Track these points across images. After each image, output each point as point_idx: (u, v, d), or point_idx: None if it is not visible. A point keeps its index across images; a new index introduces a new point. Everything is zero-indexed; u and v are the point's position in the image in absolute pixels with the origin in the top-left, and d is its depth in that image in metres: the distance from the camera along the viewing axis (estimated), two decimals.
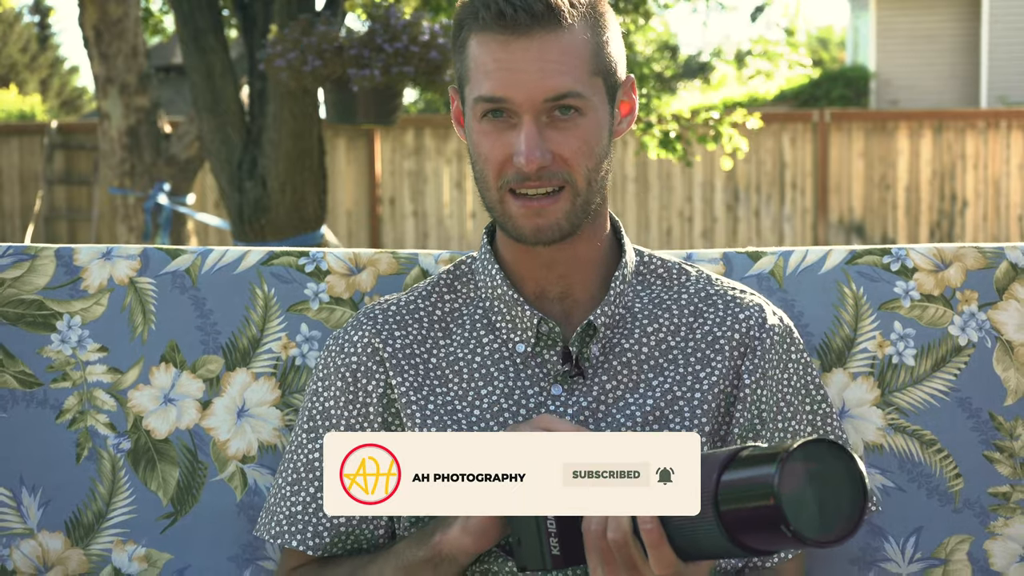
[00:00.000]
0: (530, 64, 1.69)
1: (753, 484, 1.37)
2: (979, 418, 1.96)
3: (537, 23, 1.69)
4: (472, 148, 1.76)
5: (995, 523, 1.95)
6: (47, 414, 1.97)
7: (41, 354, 1.98)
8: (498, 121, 1.71)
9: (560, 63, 1.70)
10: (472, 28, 1.73)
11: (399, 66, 5.92)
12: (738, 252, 2.01)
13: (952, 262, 2.00)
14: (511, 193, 1.73)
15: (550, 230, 1.73)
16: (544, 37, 1.69)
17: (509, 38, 1.69)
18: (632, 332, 1.80)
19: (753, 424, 1.77)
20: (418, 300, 1.86)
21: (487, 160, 1.73)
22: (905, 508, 1.95)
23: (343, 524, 1.79)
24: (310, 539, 1.79)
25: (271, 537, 1.82)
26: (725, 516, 1.39)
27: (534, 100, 1.69)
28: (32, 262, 2.00)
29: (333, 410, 1.81)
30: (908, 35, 20.08)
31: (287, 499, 1.82)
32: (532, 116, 1.70)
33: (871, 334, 1.97)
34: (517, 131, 1.71)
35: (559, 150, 1.71)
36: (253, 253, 2.01)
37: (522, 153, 1.69)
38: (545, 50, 1.69)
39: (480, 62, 1.71)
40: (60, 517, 1.96)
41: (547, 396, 1.76)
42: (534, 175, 1.70)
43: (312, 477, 1.80)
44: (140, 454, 1.96)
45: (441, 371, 1.79)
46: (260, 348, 1.98)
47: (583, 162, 1.72)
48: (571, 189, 1.72)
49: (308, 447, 1.82)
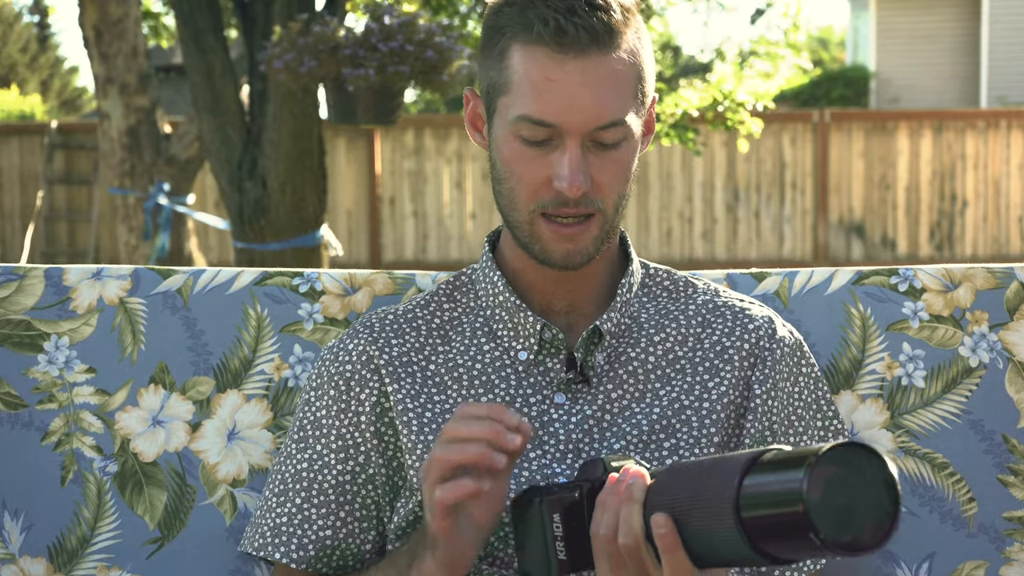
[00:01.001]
0: (585, 88, 1.62)
1: (779, 490, 1.28)
2: (992, 441, 1.92)
3: (595, 44, 1.62)
4: (501, 162, 1.69)
5: (1011, 548, 1.91)
6: (32, 436, 1.92)
7: (27, 375, 1.94)
8: (538, 143, 1.65)
9: (612, 87, 1.63)
10: (518, 38, 1.65)
11: (394, 65, 5.90)
12: (742, 273, 1.98)
13: (961, 282, 1.96)
14: (543, 216, 1.67)
15: (579, 255, 1.69)
16: (599, 59, 1.62)
17: (565, 57, 1.62)
18: (639, 341, 1.76)
19: (764, 436, 1.73)
20: (416, 309, 1.81)
21: (520, 180, 1.67)
22: (918, 533, 1.91)
23: (329, 537, 1.74)
24: (294, 551, 1.74)
25: (254, 550, 1.77)
26: (747, 523, 1.31)
27: (584, 127, 1.63)
28: (20, 282, 1.96)
29: (325, 419, 1.76)
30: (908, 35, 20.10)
31: (272, 510, 1.77)
32: (577, 141, 1.63)
33: (879, 355, 1.93)
34: (559, 154, 1.64)
35: (598, 177, 1.65)
36: (246, 273, 1.97)
37: (565, 178, 1.63)
38: (600, 73, 1.62)
39: (528, 78, 1.64)
40: (43, 542, 1.91)
41: (550, 404, 1.72)
42: (572, 201, 1.65)
43: (299, 488, 1.76)
44: (127, 477, 1.92)
45: (440, 378, 1.75)
46: (252, 369, 1.94)
47: (616, 189, 1.68)
48: (601, 216, 1.68)
49: (296, 457, 1.77)
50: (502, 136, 1.68)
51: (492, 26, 1.69)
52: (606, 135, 1.64)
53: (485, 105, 1.73)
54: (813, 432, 1.78)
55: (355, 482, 1.75)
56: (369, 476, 1.75)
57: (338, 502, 1.74)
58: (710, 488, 1.34)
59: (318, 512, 1.74)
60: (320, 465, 1.75)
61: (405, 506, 1.72)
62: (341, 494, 1.74)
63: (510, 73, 1.66)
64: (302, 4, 6.65)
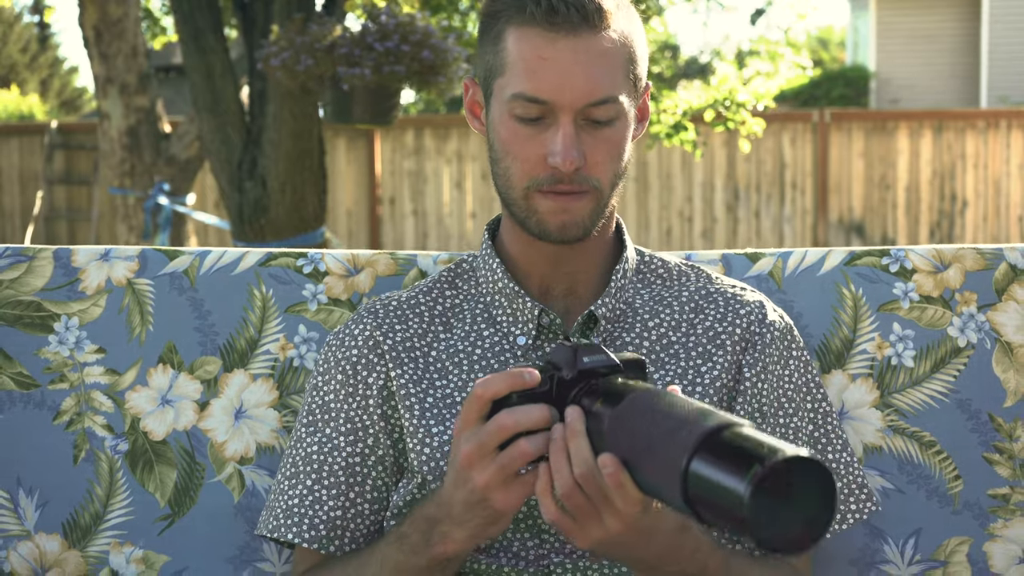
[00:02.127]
0: (576, 66, 1.67)
1: (723, 486, 1.30)
2: (979, 419, 1.96)
3: (585, 22, 1.67)
4: (497, 142, 1.74)
5: (994, 525, 1.95)
6: (44, 415, 1.96)
7: (38, 355, 1.97)
8: (532, 120, 1.69)
9: (603, 66, 1.68)
10: (512, 20, 1.70)
11: (390, 65, 5.91)
12: (737, 253, 2.01)
13: (951, 263, 1.99)
14: (539, 192, 1.72)
15: (575, 227, 1.73)
16: (590, 38, 1.68)
17: (556, 36, 1.67)
18: (633, 327, 1.80)
19: (754, 418, 1.77)
20: (419, 296, 1.85)
21: (516, 158, 1.72)
22: (904, 510, 1.95)
23: (339, 518, 1.78)
24: (306, 531, 1.78)
25: (268, 532, 1.81)
26: (692, 498, 1.33)
27: (576, 103, 1.68)
28: (30, 263, 2.00)
29: (333, 403, 1.80)
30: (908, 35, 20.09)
31: (284, 493, 1.81)
32: (570, 118, 1.68)
33: (870, 335, 1.97)
34: (553, 131, 1.69)
35: (591, 155, 1.70)
36: (251, 254, 2.01)
37: (559, 154, 1.68)
38: (591, 52, 1.68)
39: (522, 57, 1.69)
40: (57, 519, 1.95)
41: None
42: (567, 178, 1.69)
43: (309, 470, 1.79)
44: (137, 456, 1.96)
45: (441, 363, 1.79)
46: (258, 349, 1.98)
47: (610, 167, 1.72)
48: (596, 192, 1.72)
49: (307, 441, 1.81)
50: (498, 117, 1.73)
51: (488, 13, 1.75)
52: (598, 112, 1.69)
53: (483, 90, 1.77)
54: (803, 414, 1.82)
55: (365, 464, 1.78)
56: (379, 457, 1.78)
57: (348, 483, 1.78)
58: (663, 448, 1.35)
59: (328, 493, 1.78)
60: (330, 448, 1.79)
61: (406, 487, 1.76)
62: (351, 475, 1.78)
63: (505, 55, 1.71)
64: (301, 4, 6.67)
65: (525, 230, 1.76)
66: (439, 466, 1.72)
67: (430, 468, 1.73)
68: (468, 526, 1.57)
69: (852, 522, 1.83)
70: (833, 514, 1.31)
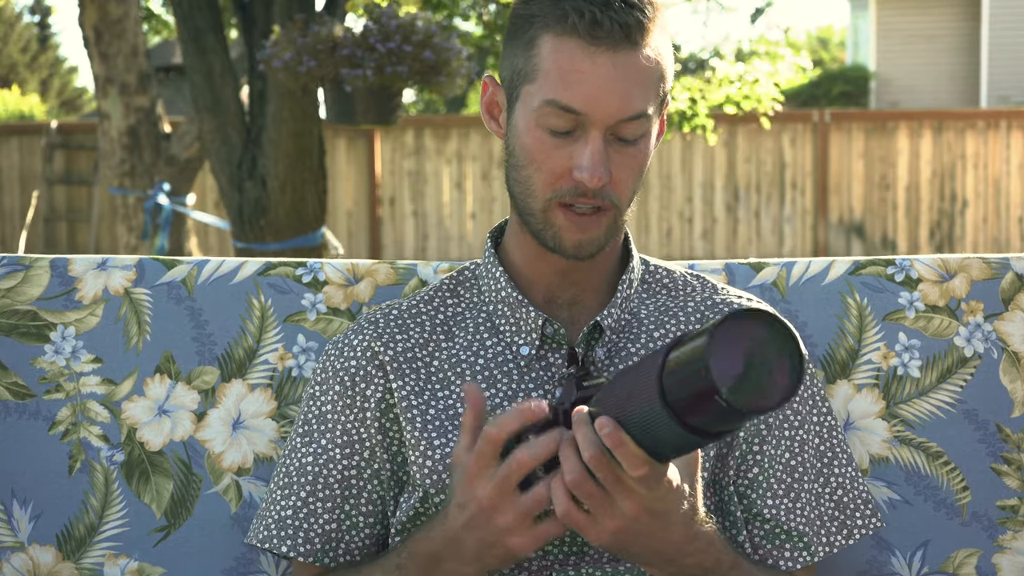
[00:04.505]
0: (614, 83, 1.64)
1: (689, 357, 1.34)
2: (986, 430, 1.94)
3: (627, 39, 1.64)
4: (520, 149, 1.70)
5: (1003, 536, 1.93)
6: (39, 426, 1.94)
7: (34, 365, 1.95)
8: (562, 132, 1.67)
9: (639, 83, 1.66)
10: (550, 28, 1.66)
11: (392, 66, 5.90)
12: (740, 263, 1.99)
13: (957, 273, 1.97)
14: (560, 206, 1.69)
15: (591, 245, 1.71)
16: (629, 53, 1.65)
17: (597, 50, 1.64)
18: (638, 337, 1.78)
19: (759, 430, 1.75)
20: (420, 304, 1.83)
21: (540, 168, 1.69)
22: (912, 521, 1.93)
23: (334, 531, 1.76)
24: (300, 544, 1.76)
25: (259, 543, 1.79)
26: (670, 399, 1.35)
27: (609, 119, 1.65)
28: (26, 272, 1.98)
29: (330, 415, 1.78)
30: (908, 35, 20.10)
31: (277, 503, 1.79)
32: (600, 133, 1.65)
33: (875, 345, 1.95)
34: (582, 145, 1.66)
35: (616, 172, 1.67)
36: (250, 264, 1.99)
37: (587, 169, 1.65)
38: (629, 68, 1.65)
39: (558, 67, 1.65)
40: (51, 530, 1.93)
41: (551, 399, 1.73)
42: (591, 192, 1.67)
43: (304, 481, 1.77)
44: (134, 466, 1.94)
45: (443, 374, 1.77)
46: (256, 359, 1.96)
47: (631, 185, 1.70)
48: (615, 210, 1.70)
49: (301, 451, 1.79)
50: (524, 124, 1.70)
51: (521, 15, 1.70)
52: (628, 129, 1.66)
53: (507, 92, 1.74)
54: (810, 427, 1.80)
55: (360, 477, 1.76)
56: (375, 471, 1.76)
57: (343, 496, 1.76)
58: (641, 379, 1.39)
59: (323, 506, 1.76)
60: (325, 459, 1.77)
61: (408, 501, 1.74)
62: (346, 488, 1.76)
63: (538, 61, 1.67)
64: (302, 4, 6.66)
65: (539, 241, 1.73)
66: (441, 479, 1.70)
67: (432, 481, 1.71)
68: (478, 565, 1.56)
69: (858, 537, 1.81)
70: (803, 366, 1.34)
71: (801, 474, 1.77)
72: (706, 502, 1.72)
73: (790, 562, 1.76)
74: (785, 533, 1.75)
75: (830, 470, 1.80)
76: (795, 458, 1.77)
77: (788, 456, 1.77)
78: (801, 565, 1.77)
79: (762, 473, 1.76)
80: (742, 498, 1.76)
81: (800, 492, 1.77)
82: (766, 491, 1.75)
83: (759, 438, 1.75)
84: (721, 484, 1.75)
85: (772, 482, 1.76)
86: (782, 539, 1.76)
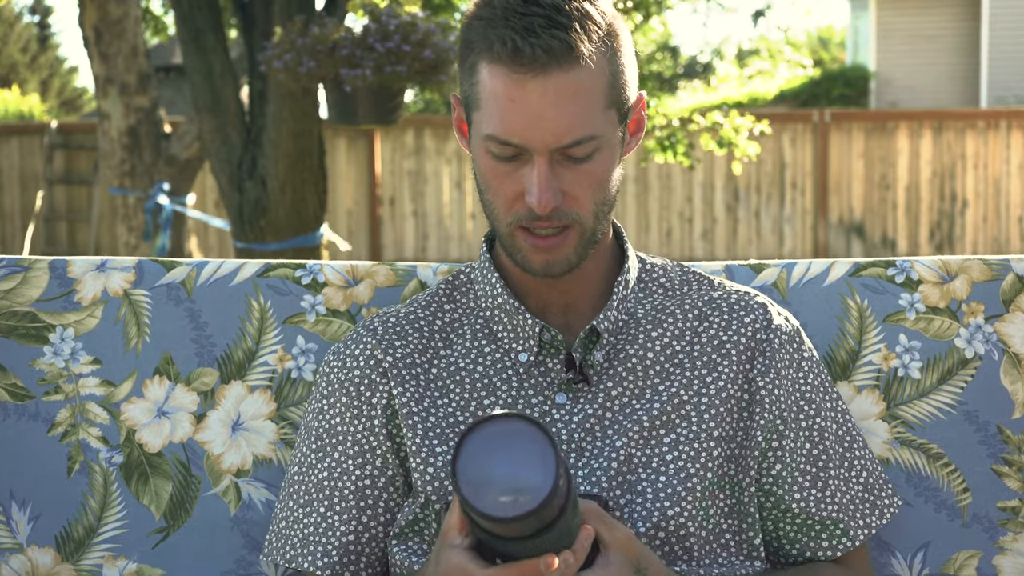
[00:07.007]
0: (546, 109, 1.61)
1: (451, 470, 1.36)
2: (987, 432, 1.94)
3: (554, 61, 1.61)
4: (479, 173, 1.71)
5: (1004, 538, 1.93)
6: (38, 427, 1.94)
7: (33, 366, 1.95)
8: (507, 158, 1.66)
9: (576, 104, 1.62)
10: (483, 55, 1.64)
11: (392, 65, 5.90)
12: (740, 264, 1.99)
13: (957, 274, 1.97)
14: (521, 228, 1.69)
15: (558, 265, 1.70)
16: (561, 76, 1.61)
17: (524, 77, 1.61)
18: (636, 338, 1.77)
19: (776, 425, 1.75)
20: (417, 311, 1.83)
21: (496, 194, 1.68)
22: (912, 523, 1.93)
23: (352, 543, 1.75)
24: (320, 558, 1.75)
25: (285, 562, 1.78)
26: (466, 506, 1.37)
27: (549, 146, 1.63)
28: (25, 274, 1.97)
29: (339, 427, 1.78)
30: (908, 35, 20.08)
31: (299, 521, 1.78)
32: (545, 158, 1.64)
33: (876, 347, 1.95)
34: (529, 168, 1.65)
35: (570, 189, 1.66)
36: (249, 265, 1.98)
37: (534, 195, 1.64)
38: (561, 91, 1.61)
39: (494, 96, 1.64)
40: (50, 532, 1.93)
41: (551, 405, 1.73)
42: (545, 216, 1.66)
43: (322, 497, 1.77)
44: (132, 468, 1.94)
45: (442, 381, 1.77)
46: (256, 361, 1.95)
47: (592, 199, 1.68)
48: (579, 226, 1.68)
49: (317, 467, 1.79)
50: (477, 150, 1.70)
51: (464, 40, 1.69)
52: (575, 150, 1.65)
53: (465, 115, 1.74)
54: (826, 414, 1.79)
55: (375, 486, 1.76)
56: (389, 478, 1.76)
57: (359, 507, 1.76)
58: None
59: (340, 519, 1.76)
60: (339, 472, 1.77)
61: (409, 506, 1.74)
62: (362, 499, 1.76)
63: (479, 89, 1.66)
64: (302, 4, 6.66)
65: (513, 262, 1.74)
66: (443, 486, 1.70)
67: (433, 488, 1.71)
68: None
69: (889, 517, 1.81)
70: (558, 473, 1.34)
71: (825, 462, 1.77)
72: (722, 505, 1.71)
73: (829, 551, 1.76)
74: (820, 524, 1.75)
75: (852, 454, 1.80)
76: (816, 447, 1.77)
77: (809, 447, 1.76)
78: (842, 552, 1.77)
79: (785, 468, 1.75)
80: (768, 495, 1.75)
81: (828, 480, 1.76)
82: (792, 485, 1.75)
83: (777, 433, 1.75)
84: (741, 485, 1.73)
85: (797, 475, 1.75)
86: (816, 530, 1.75)
